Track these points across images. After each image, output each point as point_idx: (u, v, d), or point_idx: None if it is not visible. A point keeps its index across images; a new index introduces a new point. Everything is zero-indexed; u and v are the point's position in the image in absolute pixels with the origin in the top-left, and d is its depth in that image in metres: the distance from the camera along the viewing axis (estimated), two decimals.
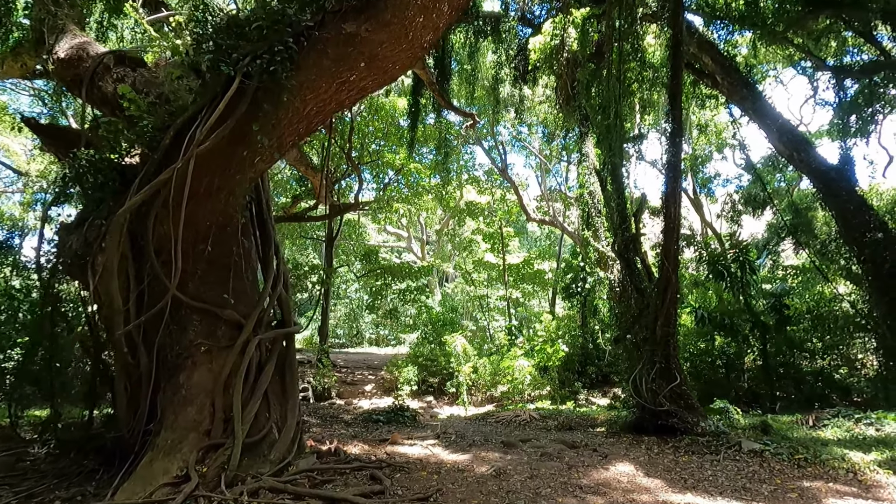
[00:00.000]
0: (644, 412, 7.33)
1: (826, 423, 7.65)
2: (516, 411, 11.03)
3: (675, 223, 7.72)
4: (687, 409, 7.10)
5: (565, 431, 8.20)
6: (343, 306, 29.82)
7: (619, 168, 10.58)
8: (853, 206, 10.52)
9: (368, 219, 30.88)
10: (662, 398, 7.06)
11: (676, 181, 7.86)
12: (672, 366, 7.36)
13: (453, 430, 7.90)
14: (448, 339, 15.78)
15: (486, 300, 27.47)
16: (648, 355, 7.53)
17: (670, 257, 7.59)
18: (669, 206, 7.76)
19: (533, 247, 33.55)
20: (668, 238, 7.70)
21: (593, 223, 13.03)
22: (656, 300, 7.70)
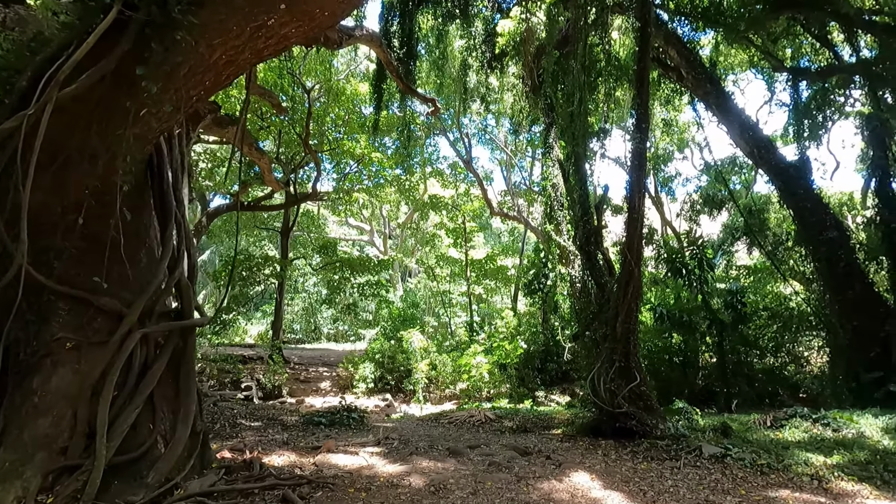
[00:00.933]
0: (602, 414, 6.86)
1: (784, 423, 7.37)
2: (471, 411, 10.48)
3: (639, 214, 7.27)
4: (646, 411, 6.67)
5: (520, 434, 7.66)
6: (301, 300, 28.66)
7: (583, 159, 10.15)
8: (810, 205, 10.42)
9: (328, 211, 29.81)
10: (621, 399, 6.60)
11: (641, 170, 7.43)
12: (632, 364, 6.92)
13: (399, 434, 7.24)
14: (405, 335, 15.09)
15: (449, 296, 26.91)
16: (608, 353, 7.06)
17: (633, 250, 7.13)
18: (634, 196, 7.32)
19: (497, 243, 33.20)
20: (631, 230, 7.25)
21: (555, 217, 12.58)
22: (617, 295, 7.24)
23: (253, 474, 4.03)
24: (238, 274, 20.57)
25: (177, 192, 4.36)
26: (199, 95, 3.77)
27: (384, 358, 18.31)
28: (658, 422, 6.56)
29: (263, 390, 17.65)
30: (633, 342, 7.09)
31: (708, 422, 7.35)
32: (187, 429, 3.72)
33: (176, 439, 3.62)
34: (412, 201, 25.76)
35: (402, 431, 7.77)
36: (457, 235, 25.32)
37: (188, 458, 3.77)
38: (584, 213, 9.69)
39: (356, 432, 7.87)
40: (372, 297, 22.36)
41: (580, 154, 9.99)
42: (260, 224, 24.10)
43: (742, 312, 11.41)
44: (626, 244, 7.29)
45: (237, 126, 9.73)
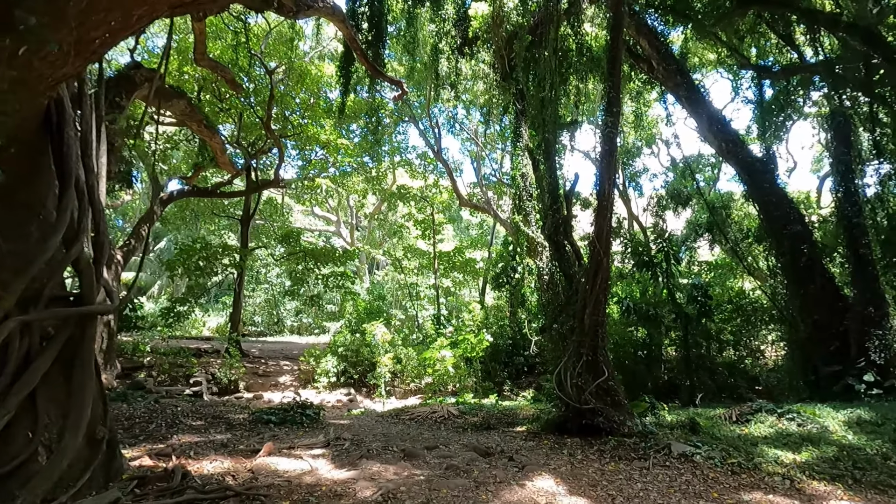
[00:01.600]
0: (568, 410, 6.51)
1: (749, 417, 7.21)
2: (433, 407, 10.04)
3: (609, 203, 6.94)
4: (614, 407, 6.36)
5: (482, 432, 7.26)
6: (263, 292, 27.61)
7: (553, 147, 9.79)
8: (775, 199, 10.39)
9: (293, 200, 28.79)
10: (588, 395, 6.27)
11: (611, 157, 7.08)
12: (600, 358, 6.59)
13: (353, 433, 6.72)
14: (368, 327, 14.52)
15: (416, 288, 26.39)
16: (575, 347, 6.72)
17: (602, 239, 6.79)
18: (604, 184, 6.97)
19: (466, 236, 32.85)
20: (600, 219, 6.91)
21: (524, 207, 12.24)
22: (585, 287, 6.90)
23: (171, 486, 3.44)
24: (194, 263, 19.54)
25: (86, 158, 3.69)
26: (104, 39, 3.13)
27: (348, 351, 17.70)
28: (626, 418, 6.26)
29: (218, 385, 16.77)
30: (602, 335, 6.77)
31: (675, 417, 7.12)
32: (78, 436, 3.09)
33: (61, 449, 2.99)
34: (380, 191, 25.08)
35: (357, 430, 7.25)
36: (425, 227, 24.81)
37: (84, 470, 3.15)
38: (553, 202, 9.36)
39: (308, 431, 7.31)
40: (337, 288, 21.61)
41: (550, 141, 9.63)
42: (219, 211, 22.95)
43: (707, 306, 11.36)
44: (595, 233, 6.95)
45: (185, 100, 8.96)
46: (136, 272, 17.99)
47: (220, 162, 12.00)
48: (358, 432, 6.83)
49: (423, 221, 24.95)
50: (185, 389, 12.95)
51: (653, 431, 6.01)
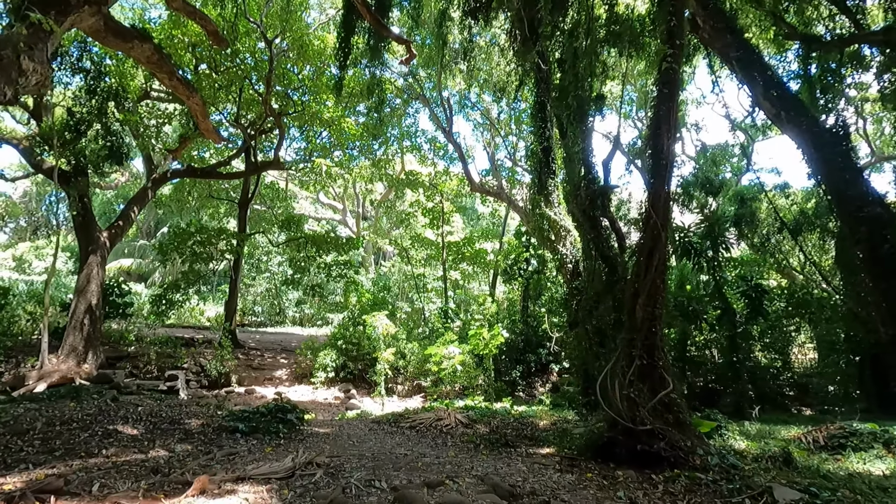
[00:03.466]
0: (615, 429, 4.88)
1: (842, 442, 5.55)
2: (438, 412, 8.47)
3: (667, 158, 5.28)
4: (678, 428, 4.73)
5: (500, 452, 5.65)
6: (264, 281, 26.20)
7: (586, 109, 8.13)
8: (849, 176, 8.64)
9: (296, 185, 27.31)
10: (645, 412, 4.64)
11: (672, 100, 5.41)
12: (658, 363, 4.96)
13: (333, 450, 5.14)
14: (368, 318, 12.99)
15: (423, 280, 24.84)
16: (624, 347, 5.09)
17: (660, 207, 5.15)
18: (661, 135, 5.31)
19: (476, 226, 31.20)
20: (656, 180, 5.26)
21: (546, 185, 10.60)
22: (636, 270, 5.25)
23: None
24: (188, 248, 18.13)
25: None
26: None
27: (348, 344, 16.21)
28: (695, 444, 4.62)
29: (208, 378, 15.37)
30: (659, 333, 5.12)
31: (754, 444, 5.46)
32: None
33: None
34: (387, 178, 23.48)
35: (341, 445, 5.69)
36: (434, 216, 23.21)
37: None
38: (587, 171, 7.74)
39: (281, 444, 5.77)
40: (340, 278, 20.09)
41: (583, 100, 7.96)
42: (216, 194, 21.50)
43: (759, 303, 9.63)
44: (649, 200, 5.29)
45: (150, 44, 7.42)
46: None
47: (202, 128, 10.47)
48: (340, 450, 5.25)
49: (431, 210, 23.35)
50: (158, 384, 11.46)
51: (735, 465, 4.37)
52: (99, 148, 14.42)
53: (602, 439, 4.99)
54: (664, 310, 5.10)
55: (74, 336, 13.29)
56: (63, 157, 13.90)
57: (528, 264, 20.33)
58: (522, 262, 20.32)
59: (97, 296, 13.95)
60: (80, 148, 13.88)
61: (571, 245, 10.41)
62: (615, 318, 6.55)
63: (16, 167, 26.53)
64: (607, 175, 8.07)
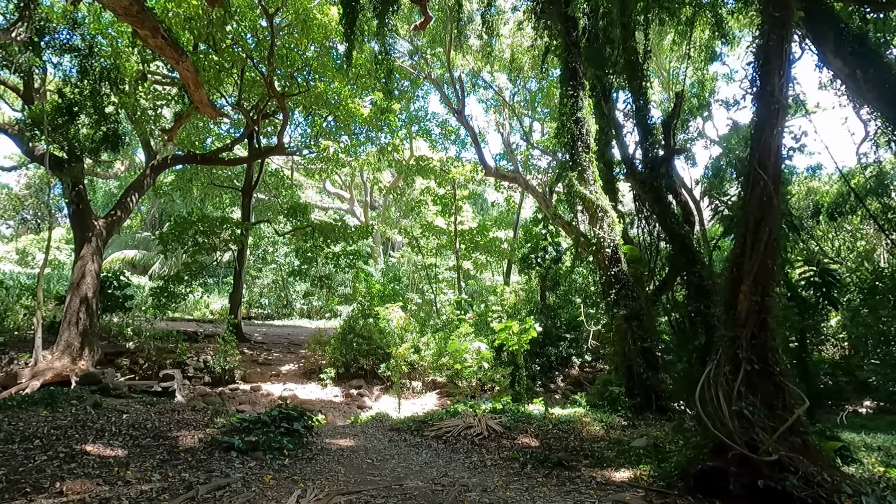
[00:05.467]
0: (722, 457, 3.66)
1: None
2: (466, 417, 7.32)
3: (779, 101, 4.02)
4: (806, 455, 3.51)
5: (555, 474, 4.49)
6: (270, 272, 25.12)
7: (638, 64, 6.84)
8: None
9: (302, 174, 26.15)
10: (766, 436, 3.43)
11: (785, 27, 4.14)
12: (774, 369, 3.74)
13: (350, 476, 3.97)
14: (381, 311, 11.85)
15: (435, 270, 23.68)
16: (726, 349, 3.87)
17: (769, 164, 3.91)
18: (771, 69, 4.06)
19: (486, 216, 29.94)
20: (767, 129, 4.01)
21: (580, 162, 9.33)
22: (737, 247, 4.01)
23: None
24: (190, 238, 17.05)
25: None
26: None
27: (358, 339, 15.09)
28: (836, 478, 3.41)
29: (211, 374, 14.33)
30: (771, 329, 3.90)
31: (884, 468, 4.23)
32: None
33: None
34: (396, 165, 22.24)
35: (358, 467, 4.53)
36: (445, 203, 21.99)
37: None
38: (646, 134, 6.50)
39: (287, 464, 4.63)
40: (348, 268, 18.96)
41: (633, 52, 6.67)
42: (219, 182, 20.37)
43: (831, 292, 8.32)
44: (755, 156, 4.04)
45: None
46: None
47: (194, 99, 9.27)
48: (359, 476, 4.08)
49: (443, 197, 22.13)
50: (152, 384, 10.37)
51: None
52: (93, 133, 13.33)
53: (702, 466, 3.77)
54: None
55: (69, 331, 12.28)
56: (55, 143, 12.81)
57: (546, 252, 19.13)
58: (540, 250, 19.11)
59: (93, 288, 12.89)
60: (73, 132, 12.79)
61: (609, 227, 9.17)
62: (695, 309, 5.37)
63: (14, 158, 25.50)
64: (669, 138, 6.81)
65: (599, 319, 13.24)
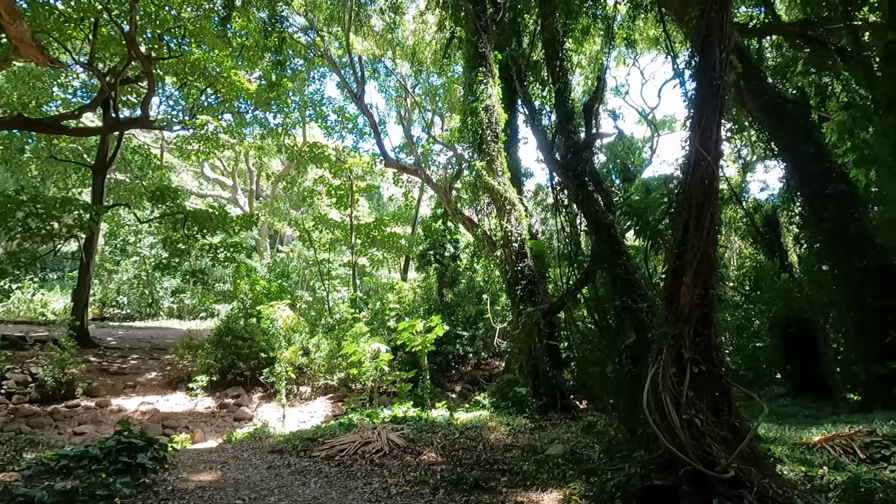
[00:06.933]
0: (671, 473, 3.15)
1: (883, 452, 4.43)
2: (363, 430, 6.32)
3: (720, 78, 3.67)
4: (755, 466, 3.13)
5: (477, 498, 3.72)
6: (132, 266, 21.53)
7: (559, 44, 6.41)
8: (813, 149, 7.97)
9: (176, 155, 22.86)
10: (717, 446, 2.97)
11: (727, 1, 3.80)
12: (719, 370, 3.33)
13: None
14: (265, 309, 10.33)
15: (328, 266, 22.07)
16: (669, 348, 3.39)
17: (711, 145, 3.52)
18: (712, 42, 3.70)
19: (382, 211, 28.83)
20: (708, 107, 3.63)
21: (489, 151, 8.80)
22: (683, 232, 3.58)
23: None
24: (19, 221, 13.70)
25: None
26: None
27: (238, 340, 13.21)
28: (787, 491, 3.05)
29: (42, 390, 11.54)
30: (714, 325, 3.51)
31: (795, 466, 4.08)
32: None
33: None
34: (286, 150, 20.26)
35: None
36: (341, 195, 20.54)
37: None
38: (567, 117, 6.06)
39: None
40: (228, 262, 16.72)
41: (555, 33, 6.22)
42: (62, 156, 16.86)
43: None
44: (696, 133, 3.65)
45: None
46: None
47: (11, 35, 6.98)
48: None
49: (338, 188, 20.64)
50: None
51: None
52: None
53: (650, 484, 3.24)
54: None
55: None
56: None
57: (445, 249, 18.68)
58: (439, 246, 18.60)
59: None
60: None
61: (517, 221, 8.76)
62: (622, 305, 4.99)
63: None
64: (590, 123, 6.46)
65: (505, 317, 12.95)
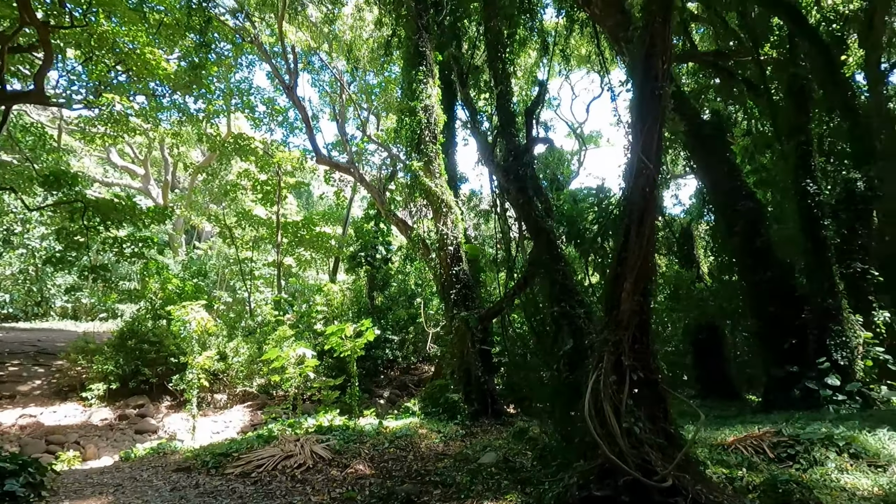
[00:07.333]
0: (610, 483, 3.08)
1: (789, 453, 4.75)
2: (284, 442, 5.84)
3: (662, 87, 3.73)
4: (689, 472, 3.15)
5: None
6: (17, 259, 18.94)
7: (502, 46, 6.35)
8: (727, 168, 8.57)
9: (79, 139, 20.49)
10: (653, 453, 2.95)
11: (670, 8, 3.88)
12: (656, 378, 3.34)
13: None
14: (176, 310, 9.40)
15: (251, 265, 20.81)
16: (609, 355, 3.35)
17: (653, 152, 3.56)
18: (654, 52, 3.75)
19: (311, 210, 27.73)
20: (650, 115, 3.67)
21: (427, 151, 8.61)
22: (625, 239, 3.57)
23: None
24: None
25: None
26: None
27: (143, 344, 11.98)
28: (714, 494, 3.09)
29: None
30: (652, 332, 3.53)
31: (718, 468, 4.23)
32: None
33: None
34: (208, 140, 18.84)
35: None
36: (267, 190, 19.42)
37: None
38: (509, 120, 5.98)
39: None
40: (135, 257, 15.15)
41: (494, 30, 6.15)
42: None
43: None
44: (639, 141, 3.67)
45: None
46: None
47: None
48: None
49: (265, 183, 19.50)
50: None
51: None
52: None
53: (589, 495, 3.15)
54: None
55: None
56: None
57: (377, 251, 18.24)
58: (371, 248, 18.13)
59: None
60: None
61: (453, 224, 8.63)
62: (560, 311, 4.94)
63: None
64: (531, 127, 6.45)
65: (438, 321, 12.78)
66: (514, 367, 7.74)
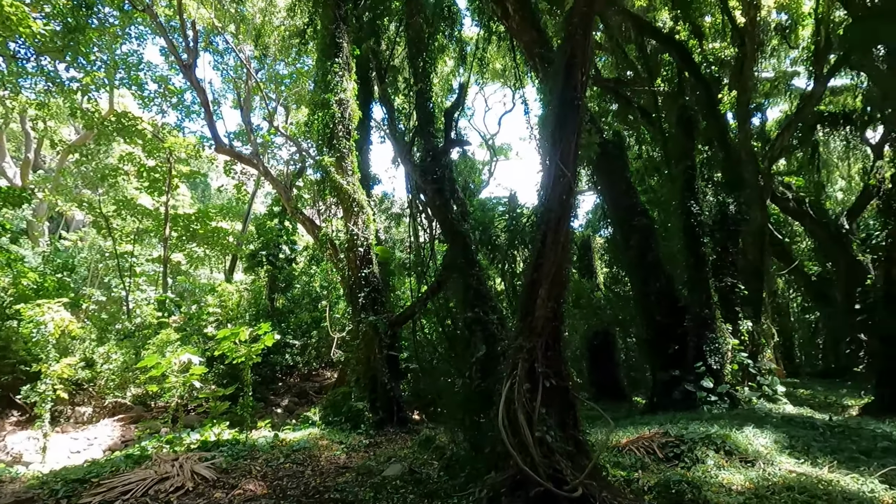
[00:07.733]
0: (520, 496, 2.98)
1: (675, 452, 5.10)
2: (160, 461, 5.10)
3: (580, 96, 3.79)
4: (597, 480, 3.16)
5: None
6: None
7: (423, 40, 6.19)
8: (625, 187, 9.20)
9: None
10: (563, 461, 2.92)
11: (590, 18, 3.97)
12: (566, 384, 3.34)
13: None
14: (27, 310, 7.96)
15: (131, 260, 18.55)
16: (523, 362, 3.28)
17: (570, 161, 3.60)
18: (574, 62, 3.80)
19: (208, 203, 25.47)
20: (568, 124, 3.70)
21: (339, 147, 8.19)
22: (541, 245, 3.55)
23: None
24: None
25: None
26: None
27: None
28: (619, 500, 3.14)
29: None
30: (563, 339, 3.53)
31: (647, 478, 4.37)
32: None
33: None
34: (85, 116, 16.48)
35: None
36: (156, 178, 17.45)
37: None
38: (427, 119, 5.79)
39: None
40: None
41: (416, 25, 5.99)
42: None
43: None
44: (558, 149, 3.69)
45: None
46: None
47: None
48: None
49: (153, 169, 17.48)
50: None
51: None
52: None
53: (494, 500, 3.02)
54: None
55: None
56: None
57: (280, 250, 17.16)
58: (273, 247, 17.01)
59: None
60: None
61: (364, 224, 8.29)
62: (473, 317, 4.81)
63: None
64: (450, 129, 6.32)
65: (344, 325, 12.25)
66: (423, 373, 7.56)
